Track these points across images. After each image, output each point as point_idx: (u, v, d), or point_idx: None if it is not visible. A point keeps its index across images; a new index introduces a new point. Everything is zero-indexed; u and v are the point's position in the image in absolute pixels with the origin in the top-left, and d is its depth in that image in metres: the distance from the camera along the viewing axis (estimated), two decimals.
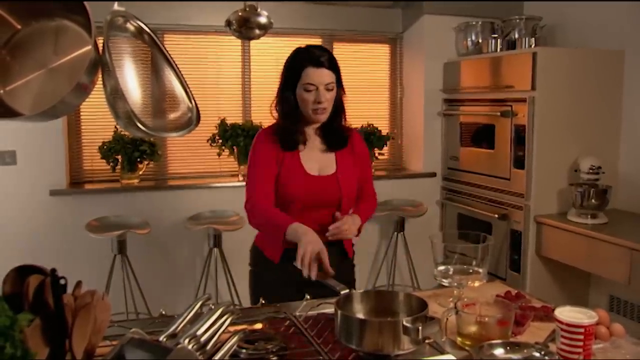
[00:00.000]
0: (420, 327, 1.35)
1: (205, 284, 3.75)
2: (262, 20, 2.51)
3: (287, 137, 2.10)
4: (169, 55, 1.48)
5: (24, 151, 3.64)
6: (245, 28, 2.46)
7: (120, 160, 3.84)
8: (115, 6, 1.36)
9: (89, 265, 3.67)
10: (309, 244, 1.82)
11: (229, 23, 2.42)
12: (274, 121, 2.19)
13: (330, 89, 2.04)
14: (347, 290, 1.62)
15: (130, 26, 1.41)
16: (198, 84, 4.19)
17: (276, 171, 2.08)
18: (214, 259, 3.76)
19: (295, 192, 2.06)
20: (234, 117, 4.17)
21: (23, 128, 3.57)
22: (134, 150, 3.77)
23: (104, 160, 3.84)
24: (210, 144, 4.02)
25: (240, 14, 2.47)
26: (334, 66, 2.05)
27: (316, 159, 2.13)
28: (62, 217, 3.71)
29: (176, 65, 1.47)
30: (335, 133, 2.16)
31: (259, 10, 2.43)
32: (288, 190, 2.07)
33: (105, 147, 3.79)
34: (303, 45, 2.11)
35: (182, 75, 1.49)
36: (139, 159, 3.85)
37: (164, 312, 1.72)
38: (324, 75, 2.02)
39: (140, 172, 3.93)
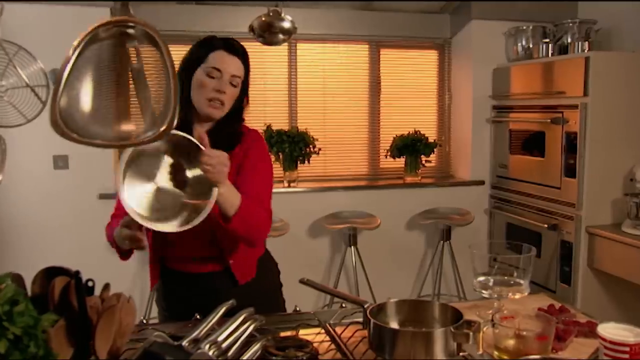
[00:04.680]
0: (453, 339, 1.31)
1: None
2: (286, 25, 2.48)
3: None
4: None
5: (75, 156, 3.75)
6: (268, 33, 2.44)
7: None
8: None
9: (135, 267, 3.74)
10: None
11: (252, 28, 2.41)
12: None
13: (235, 84, 1.81)
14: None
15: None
16: None
17: None
18: None
19: None
20: (280, 123, 4.19)
21: None
22: None
23: None
24: None
25: (263, 19, 2.46)
26: (247, 62, 1.85)
27: None
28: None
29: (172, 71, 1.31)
30: (227, 136, 1.82)
31: (282, 15, 2.41)
32: None
33: None
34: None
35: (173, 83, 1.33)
36: None
37: (198, 317, 1.72)
38: (233, 64, 1.79)
39: None
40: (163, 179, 1.62)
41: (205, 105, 1.77)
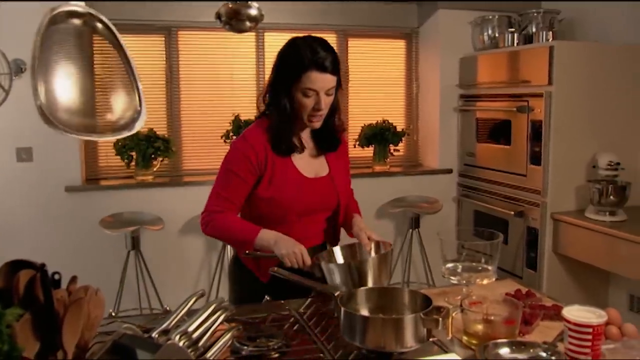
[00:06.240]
0: (422, 325, 1.32)
1: (219, 281, 3.75)
2: (253, 12, 2.44)
3: (283, 141, 1.91)
4: (129, 55, 1.38)
5: (40, 148, 3.67)
6: (235, 20, 2.40)
7: (134, 156, 3.86)
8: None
9: (104, 261, 3.69)
10: (290, 247, 1.77)
11: (218, 16, 2.38)
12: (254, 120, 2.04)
13: (330, 94, 1.87)
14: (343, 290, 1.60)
15: (76, 20, 1.34)
16: (212, 80, 4.19)
17: (252, 184, 1.91)
18: (228, 256, 3.75)
19: (291, 197, 1.91)
20: (248, 113, 4.16)
21: (39, 125, 3.58)
22: (148, 147, 3.78)
23: (119, 157, 3.86)
24: (225, 140, 4.01)
25: (230, 6, 2.43)
26: (337, 69, 1.85)
27: (308, 162, 1.98)
28: (77, 213, 3.73)
29: (132, 64, 1.36)
30: (328, 135, 2.01)
31: (249, 2, 2.37)
32: (284, 195, 1.90)
33: (119, 143, 3.81)
34: (301, 36, 1.89)
35: (135, 74, 1.38)
36: (153, 156, 3.86)
37: (168, 308, 1.71)
38: (326, 81, 1.82)
39: (155, 169, 3.95)
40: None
41: (306, 120, 1.90)
